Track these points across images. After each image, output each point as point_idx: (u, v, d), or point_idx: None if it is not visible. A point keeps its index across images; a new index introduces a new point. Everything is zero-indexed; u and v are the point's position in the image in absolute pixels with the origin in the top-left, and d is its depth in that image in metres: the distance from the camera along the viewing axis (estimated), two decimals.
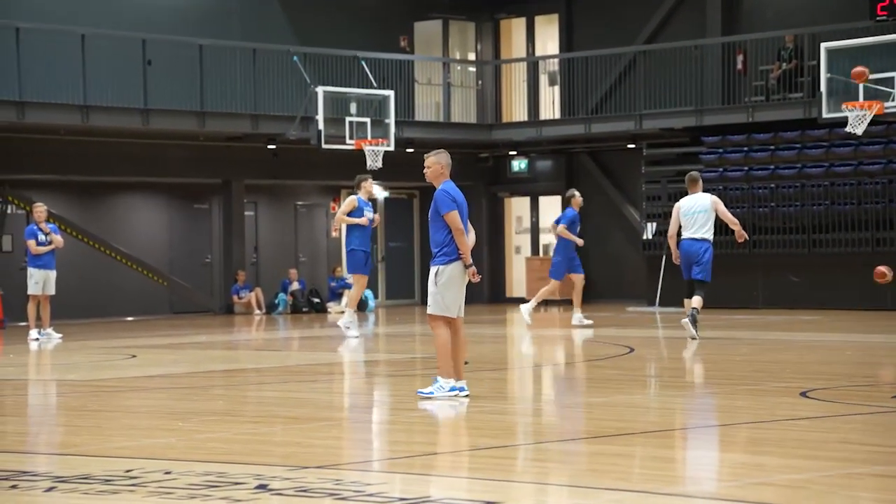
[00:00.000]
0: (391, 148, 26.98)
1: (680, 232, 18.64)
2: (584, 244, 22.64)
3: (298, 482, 7.86)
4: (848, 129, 23.07)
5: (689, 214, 18.41)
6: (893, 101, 22.80)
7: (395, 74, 29.37)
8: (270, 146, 28.90)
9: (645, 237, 28.64)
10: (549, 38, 32.84)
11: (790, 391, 12.28)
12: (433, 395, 11.85)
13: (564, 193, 31.74)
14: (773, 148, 27.93)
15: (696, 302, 18.21)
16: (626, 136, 30.17)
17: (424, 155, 12.20)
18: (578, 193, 22.71)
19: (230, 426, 10.61)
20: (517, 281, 32.83)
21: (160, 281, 28.98)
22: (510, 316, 27.10)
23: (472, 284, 12.11)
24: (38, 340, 21.02)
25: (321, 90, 26.57)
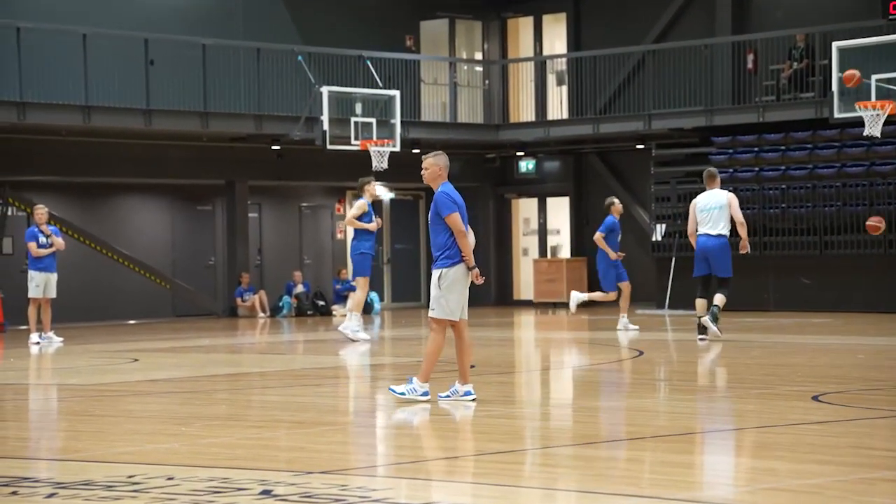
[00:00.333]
0: (397, 148, 26.93)
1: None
2: (619, 255, 22.03)
3: (303, 488, 7.85)
4: (865, 131, 23.04)
5: (705, 210, 18.46)
6: None
7: (400, 74, 29.32)
8: (275, 147, 28.85)
9: (654, 239, 28.49)
10: (556, 37, 32.81)
11: (802, 395, 12.24)
12: (404, 395, 11.85)
13: (572, 194, 32.01)
14: (783, 148, 27.83)
15: (718, 299, 18.32)
16: (634, 136, 30.10)
17: (422, 156, 12.11)
18: (618, 201, 22.24)
19: (234, 431, 10.60)
20: (524, 283, 32.72)
21: (163, 283, 28.93)
22: (517, 319, 27.11)
23: (477, 287, 11.98)
24: (38, 344, 21.00)
25: (326, 90, 26.49)
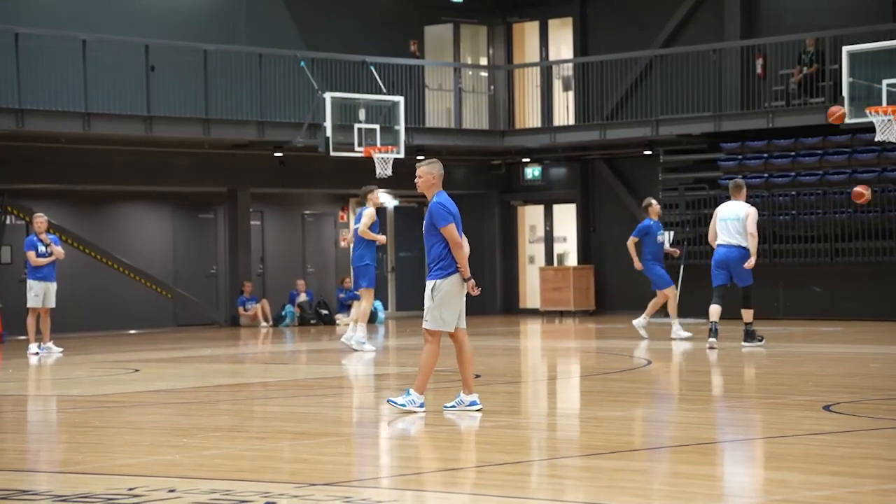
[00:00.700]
0: (401, 155, 26.90)
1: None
2: (664, 255, 21.87)
3: (307, 500, 7.88)
4: (877, 137, 23.08)
5: (724, 220, 18.90)
6: None
7: (405, 80, 29.27)
8: (277, 154, 28.78)
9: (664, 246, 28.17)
10: (563, 41, 32.79)
11: (813, 405, 12.21)
12: (404, 406, 11.84)
13: (579, 201, 31.75)
14: (793, 154, 27.77)
15: (746, 315, 19.05)
16: (642, 142, 30.04)
17: (416, 164, 12.08)
18: (655, 201, 22.00)
19: (236, 442, 10.60)
20: (531, 291, 32.60)
21: (164, 293, 28.84)
22: (523, 327, 27.07)
23: (484, 295, 11.78)
24: (38, 355, 21.01)
25: (329, 96, 26.47)
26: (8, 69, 24.36)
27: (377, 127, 26.70)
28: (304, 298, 29.50)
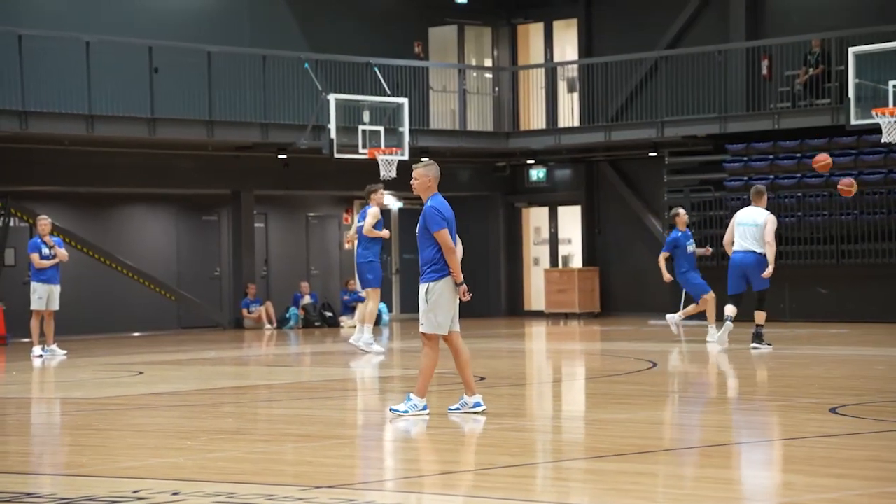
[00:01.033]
0: (405, 157, 26.79)
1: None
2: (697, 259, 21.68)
3: (311, 502, 7.86)
4: (883, 138, 23.07)
5: (741, 226, 19.06)
6: None
7: (409, 81, 29.20)
8: (281, 156, 28.72)
9: None
10: (567, 43, 32.74)
11: (819, 407, 12.21)
12: (407, 413, 11.80)
13: (584, 203, 31.67)
14: (799, 156, 27.65)
15: (759, 317, 19.05)
16: (647, 143, 29.94)
17: (413, 165, 12.03)
18: (683, 211, 21.69)
19: (240, 445, 10.61)
20: (535, 293, 32.49)
21: (168, 295, 28.80)
22: (528, 330, 27.01)
23: (488, 297, 11.75)
24: (41, 357, 21.03)
25: (333, 98, 26.41)
26: (11, 71, 24.34)
27: (381, 129, 26.66)
28: (308, 301, 29.44)
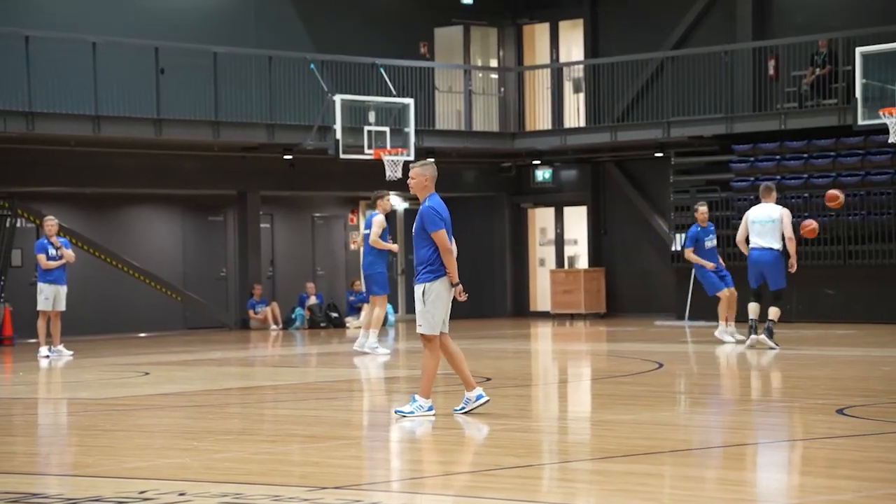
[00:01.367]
0: (411, 157, 26.74)
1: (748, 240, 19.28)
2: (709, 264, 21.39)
3: (317, 503, 7.84)
4: (891, 139, 23.04)
5: (757, 222, 19.07)
6: None
7: (414, 82, 29.16)
8: (287, 156, 28.69)
9: (674, 249, 28.25)
10: (573, 43, 32.69)
11: (826, 408, 12.18)
12: (413, 413, 11.77)
13: (589, 204, 31.63)
14: (806, 156, 27.62)
15: (772, 313, 19.01)
16: (653, 144, 29.88)
17: (410, 165, 12.03)
18: (702, 208, 21.44)
19: (246, 445, 10.61)
20: (541, 294, 32.45)
21: (174, 296, 28.81)
22: (534, 330, 26.98)
23: (494, 298, 11.75)
24: (48, 358, 21.02)
25: (339, 98, 26.38)
26: (18, 72, 24.30)
27: (387, 129, 26.63)
28: (313, 301, 29.41)
